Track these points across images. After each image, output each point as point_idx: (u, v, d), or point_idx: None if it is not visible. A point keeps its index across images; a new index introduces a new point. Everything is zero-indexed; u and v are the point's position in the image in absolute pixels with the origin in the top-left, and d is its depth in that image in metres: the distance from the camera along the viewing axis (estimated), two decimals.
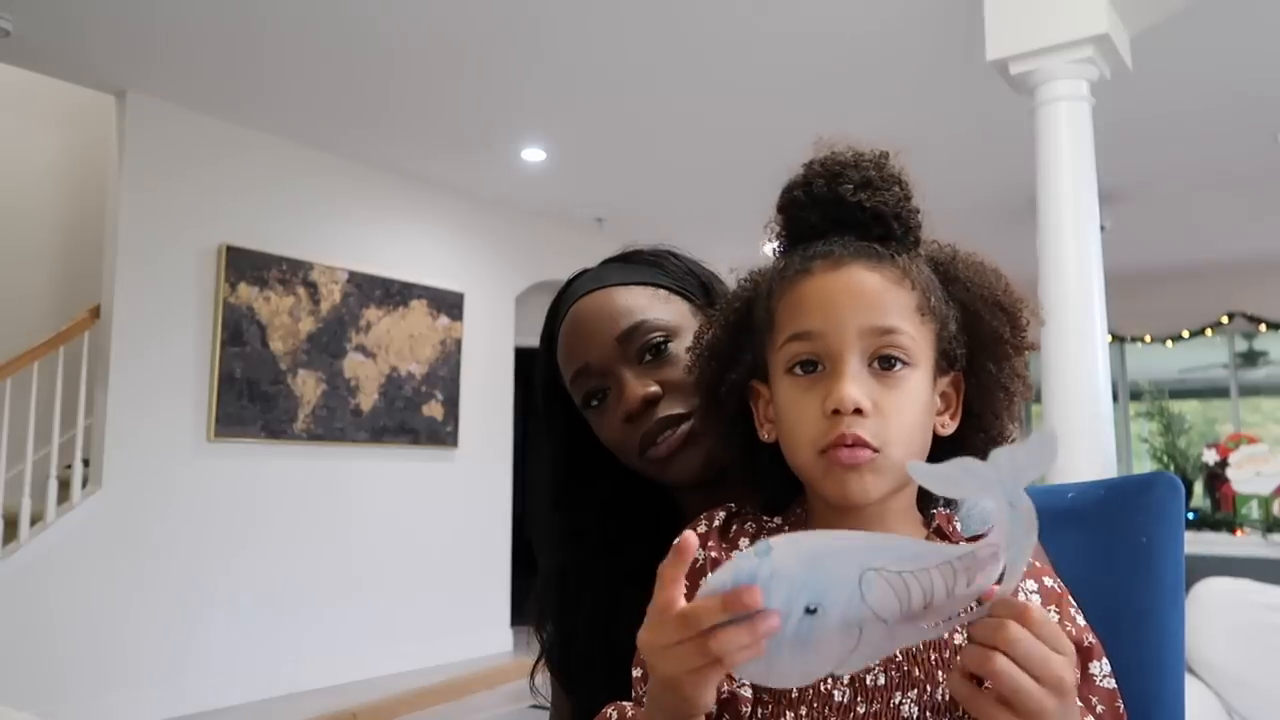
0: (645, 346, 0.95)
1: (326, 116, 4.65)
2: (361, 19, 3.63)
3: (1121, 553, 0.87)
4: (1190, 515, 3.80)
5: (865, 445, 0.66)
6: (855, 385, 0.66)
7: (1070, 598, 0.71)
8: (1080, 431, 2.71)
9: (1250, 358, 7.66)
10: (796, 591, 0.53)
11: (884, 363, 0.68)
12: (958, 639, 0.65)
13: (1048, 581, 0.70)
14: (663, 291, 0.99)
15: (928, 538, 0.72)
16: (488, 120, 4.66)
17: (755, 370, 0.76)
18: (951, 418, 0.74)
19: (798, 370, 0.69)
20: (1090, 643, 0.68)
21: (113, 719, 4.06)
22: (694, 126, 4.69)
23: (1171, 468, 4.18)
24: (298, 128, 4.80)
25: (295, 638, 4.76)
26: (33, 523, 4.00)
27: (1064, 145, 2.88)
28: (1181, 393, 7.72)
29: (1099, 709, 0.64)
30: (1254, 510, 3.67)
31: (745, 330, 0.77)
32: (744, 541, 0.74)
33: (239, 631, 4.55)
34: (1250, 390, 7.82)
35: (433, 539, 5.45)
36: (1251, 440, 3.91)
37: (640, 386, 0.93)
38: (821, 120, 5.08)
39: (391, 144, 5.02)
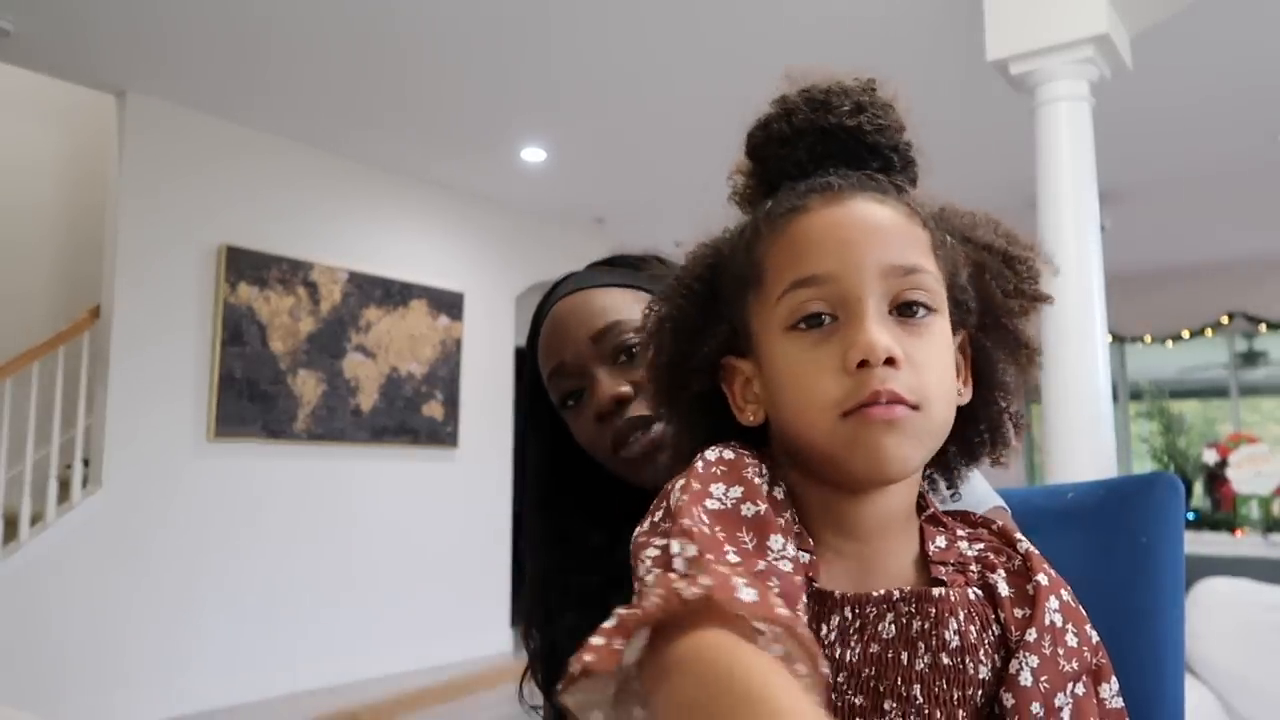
0: (619, 346, 0.95)
1: (327, 116, 4.65)
2: (362, 19, 3.63)
3: (1121, 553, 0.87)
4: (1190, 515, 3.80)
5: (902, 403, 0.55)
6: (882, 330, 0.56)
7: (1082, 609, 0.63)
8: (1080, 431, 2.71)
9: (1250, 358, 7.66)
10: None
11: (906, 309, 0.58)
12: (982, 672, 0.57)
13: (1065, 596, 0.61)
14: (642, 293, 0.99)
15: (922, 531, 0.63)
16: (488, 120, 4.66)
17: (729, 344, 0.65)
18: (965, 385, 0.64)
19: (802, 325, 0.58)
20: (1100, 663, 0.60)
21: (113, 719, 4.06)
22: (694, 126, 4.68)
23: (1171, 468, 4.18)
24: (298, 128, 4.80)
25: (295, 638, 4.76)
26: (33, 523, 4.00)
27: (1064, 145, 2.88)
28: (1181, 393, 7.72)
29: None
30: (1254, 510, 3.68)
31: (714, 298, 0.66)
32: (775, 490, 0.61)
33: (239, 631, 4.55)
34: (1250, 390, 7.82)
35: (433, 539, 5.45)
36: (1251, 440, 3.91)
37: (612, 386, 0.93)
38: None
39: (392, 144, 5.02)
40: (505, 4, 3.51)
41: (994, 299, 0.65)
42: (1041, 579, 0.60)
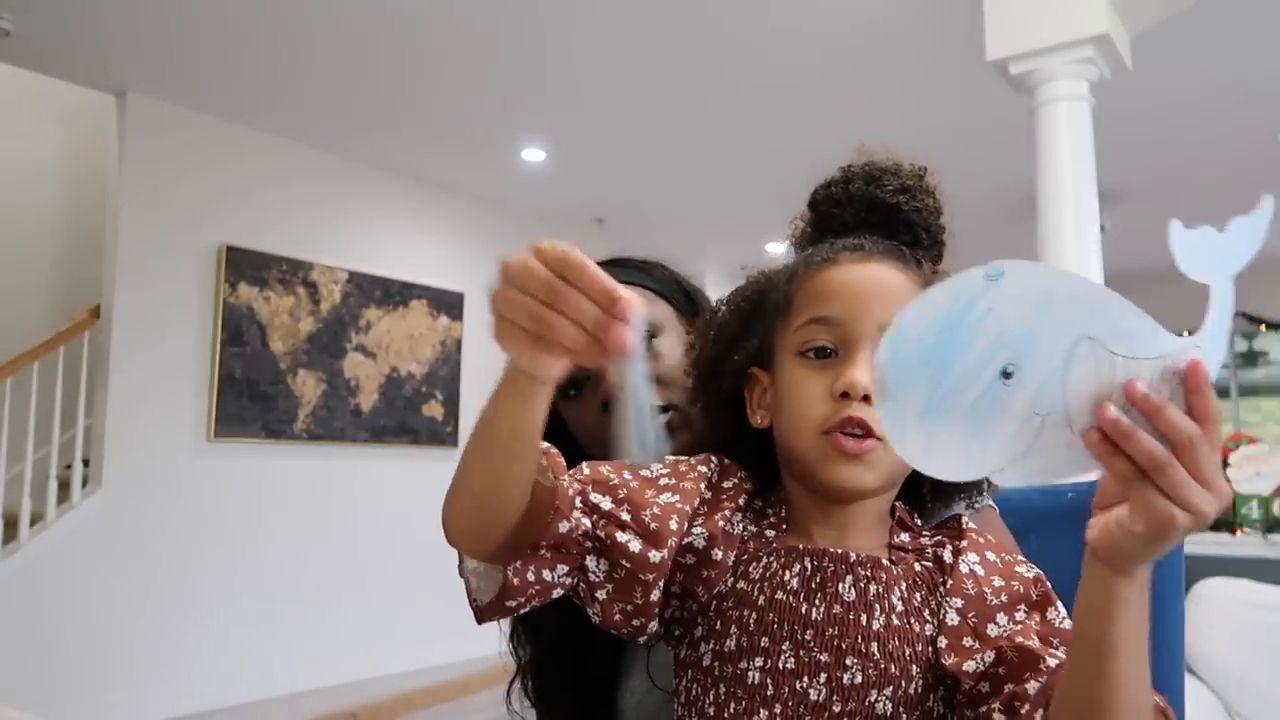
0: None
1: (327, 116, 4.65)
2: (362, 19, 3.63)
3: None
4: None
5: (870, 434, 0.66)
6: (868, 372, 0.66)
7: (1020, 559, 0.72)
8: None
9: (1250, 358, 7.66)
10: (1001, 343, 0.48)
11: None
12: (928, 629, 0.67)
13: (990, 555, 0.71)
14: (649, 292, 1.01)
15: (891, 529, 0.73)
16: (488, 120, 4.66)
17: (757, 357, 0.77)
18: None
19: (810, 354, 0.70)
20: (1042, 593, 0.68)
21: (113, 719, 4.06)
22: (694, 127, 4.68)
23: None
24: (298, 128, 4.80)
25: (295, 638, 4.76)
26: (33, 523, 4.00)
27: (1064, 145, 2.88)
28: None
29: (1060, 650, 0.64)
30: (1254, 510, 3.67)
31: (754, 316, 0.78)
32: (726, 508, 0.73)
33: (239, 631, 4.55)
34: (1250, 390, 7.82)
35: (433, 539, 5.39)
36: (1251, 440, 3.90)
37: None
38: (821, 120, 5.07)
39: (392, 144, 5.02)
40: (506, 4, 3.51)
41: None
42: (963, 543, 0.71)
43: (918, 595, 0.68)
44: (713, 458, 0.76)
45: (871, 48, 3.80)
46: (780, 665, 0.66)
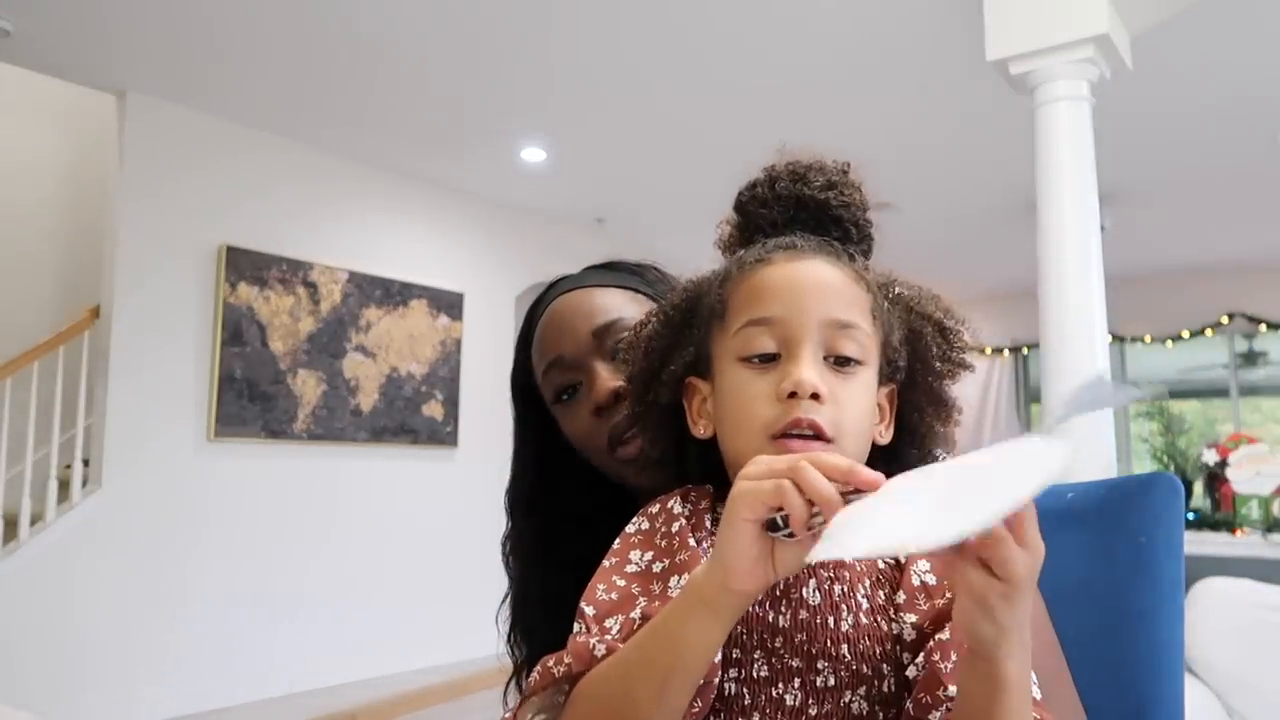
0: (619, 344, 0.95)
1: (327, 116, 4.65)
2: (362, 19, 3.63)
3: (1121, 553, 0.87)
4: (1190, 515, 3.80)
5: (820, 434, 0.65)
6: (813, 370, 0.66)
7: None
8: (1080, 431, 2.71)
9: (1250, 358, 7.65)
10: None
11: (840, 361, 0.68)
12: (894, 628, 0.66)
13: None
14: (641, 296, 1.01)
15: None
16: (488, 120, 4.66)
17: (693, 365, 0.76)
18: (886, 428, 0.74)
19: (754, 360, 0.69)
20: None
21: (112, 718, 4.06)
22: (694, 126, 4.68)
23: (1171, 468, 4.18)
24: (298, 127, 4.80)
25: (295, 637, 4.76)
26: (33, 523, 4.00)
27: (1064, 145, 2.88)
28: (1181, 393, 7.72)
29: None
30: (1254, 510, 3.67)
31: (687, 325, 0.77)
32: (707, 519, 0.73)
33: (238, 631, 4.55)
34: (1250, 390, 7.82)
35: (433, 539, 5.45)
36: (1251, 440, 3.91)
37: (612, 380, 0.94)
38: (821, 120, 5.06)
39: (392, 144, 5.02)
40: (506, 4, 3.51)
41: (926, 361, 0.76)
42: None
43: (881, 594, 0.67)
44: (677, 504, 0.74)
45: (872, 48, 3.80)
46: (754, 674, 0.65)
